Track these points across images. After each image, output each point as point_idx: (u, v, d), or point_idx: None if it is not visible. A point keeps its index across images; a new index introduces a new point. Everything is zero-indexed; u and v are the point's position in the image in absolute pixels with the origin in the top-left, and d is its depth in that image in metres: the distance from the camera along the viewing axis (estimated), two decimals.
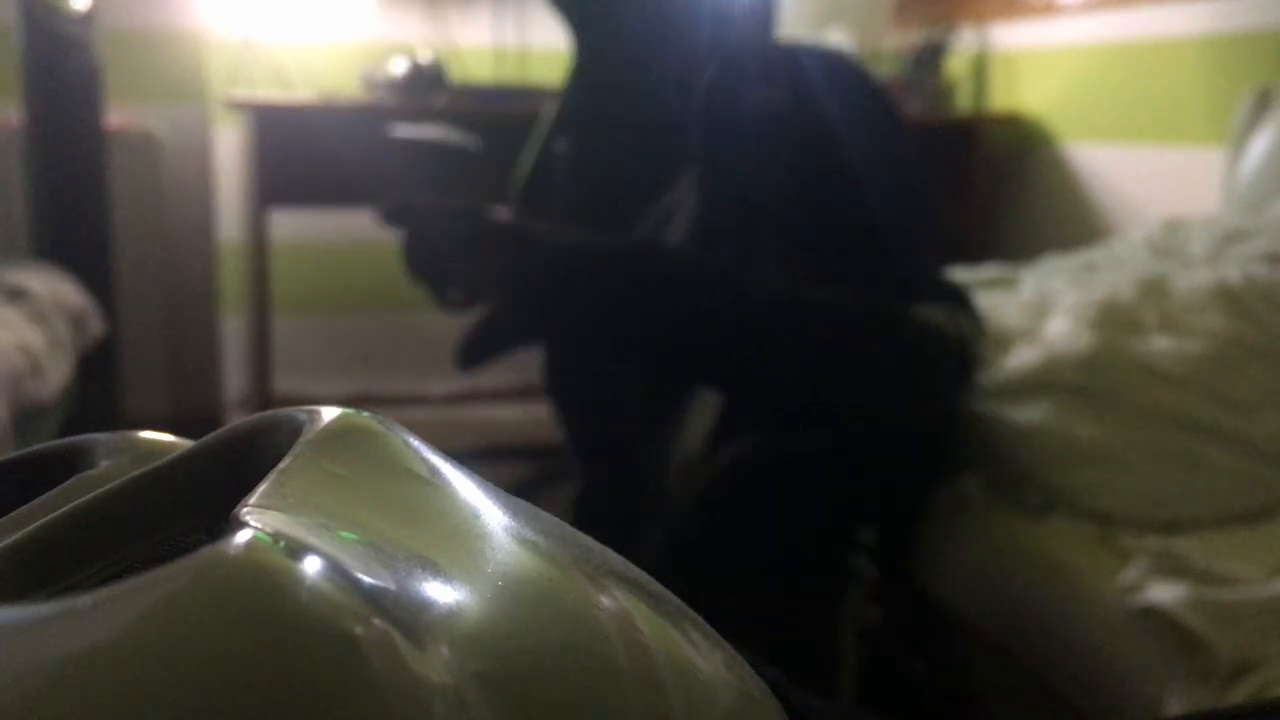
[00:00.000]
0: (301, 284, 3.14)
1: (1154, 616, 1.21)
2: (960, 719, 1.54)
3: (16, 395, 1.82)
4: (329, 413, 0.22)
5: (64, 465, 0.27)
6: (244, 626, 0.16)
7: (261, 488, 0.20)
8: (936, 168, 3.10)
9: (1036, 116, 3.08)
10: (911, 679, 1.43)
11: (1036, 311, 1.74)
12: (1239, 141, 2.38)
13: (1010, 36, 3.19)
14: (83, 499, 0.23)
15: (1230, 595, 1.21)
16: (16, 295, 2.11)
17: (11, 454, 0.27)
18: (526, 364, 3.08)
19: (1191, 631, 1.18)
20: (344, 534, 0.19)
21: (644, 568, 0.22)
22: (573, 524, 0.22)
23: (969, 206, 3.10)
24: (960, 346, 1.34)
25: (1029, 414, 1.51)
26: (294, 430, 0.22)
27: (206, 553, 0.17)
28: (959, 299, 1.38)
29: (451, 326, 3.57)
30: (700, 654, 0.20)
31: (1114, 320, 1.63)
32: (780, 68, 1.42)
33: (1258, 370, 1.51)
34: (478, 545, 0.20)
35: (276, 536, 0.18)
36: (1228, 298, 1.62)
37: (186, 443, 0.26)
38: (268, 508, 0.19)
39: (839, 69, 1.46)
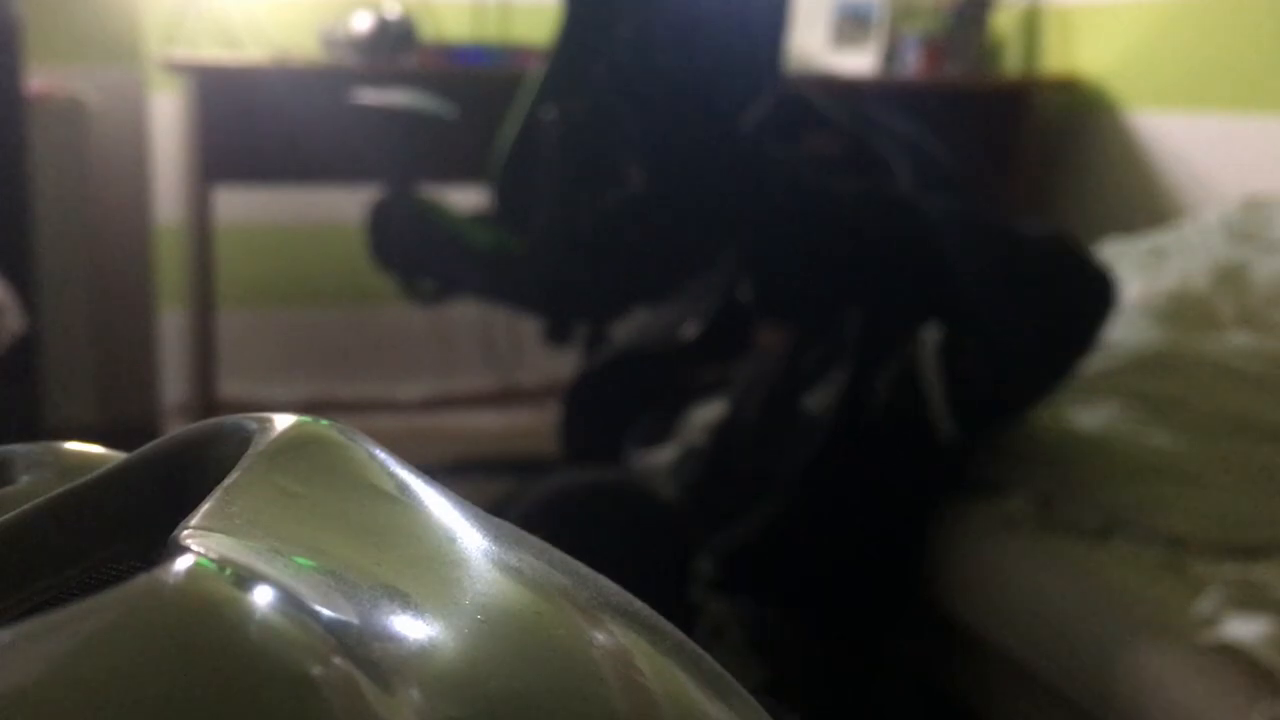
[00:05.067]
0: (250, 272, 3.14)
1: (1231, 654, 1.21)
2: None
3: None
4: (282, 421, 0.22)
5: None
6: (185, 666, 0.16)
7: (205, 507, 0.20)
8: (981, 138, 3.10)
9: (1095, 80, 3.09)
10: None
11: None
12: None
13: None
14: None
15: None
16: None
17: None
18: (509, 366, 3.08)
19: (1273, 671, 1.18)
20: (300, 560, 0.19)
21: None
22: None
23: (1018, 182, 3.10)
24: None
25: (1088, 421, 1.51)
26: (242, 441, 0.22)
27: (141, 581, 0.17)
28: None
29: (423, 321, 3.54)
30: (707, 697, 0.20)
31: (1185, 314, 1.63)
32: (831, 115, 1.71)
33: None
34: (453, 573, 0.20)
35: (222, 563, 0.18)
36: None
37: (119, 455, 0.26)
38: (212, 530, 0.19)
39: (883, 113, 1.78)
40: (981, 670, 1.61)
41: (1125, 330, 1.63)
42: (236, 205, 2.99)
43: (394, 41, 2.73)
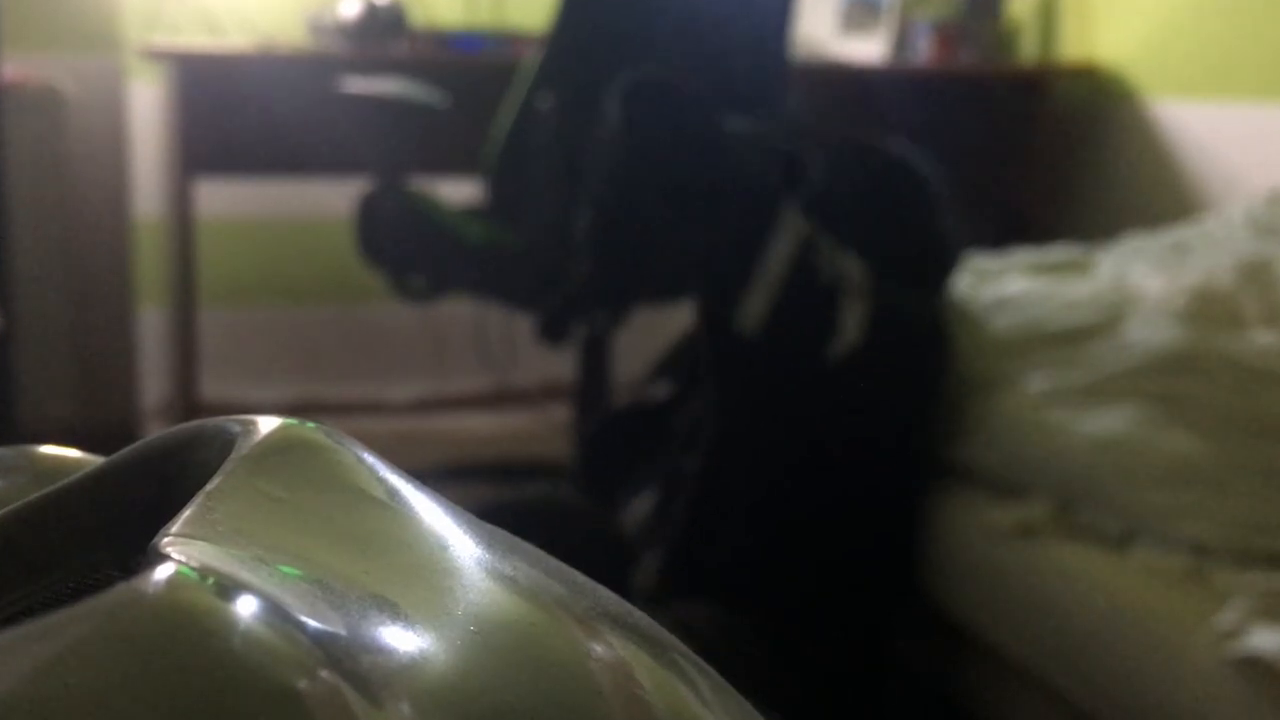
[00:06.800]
0: (233, 268, 3.15)
1: (1256, 667, 1.21)
2: None
3: None
4: (267, 423, 0.22)
5: None
6: (165, 679, 0.16)
7: (186, 513, 0.20)
8: (996, 129, 3.10)
9: (1115, 67, 3.09)
10: None
11: (1115, 301, 1.74)
12: None
13: None
14: None
15: None
16: None
17: None
18: (503, 366, 3.08)
19: None
20: (285, 569, 0.19)
21: None
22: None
23: (1034, 174, 3.10)
24: None
25: (1107, 423, 1.51)
26: (225, 444, 0.22)
27: (120, 591, 0.17)
28: None
29: (414, 320, 3.55)
30: (711, 711, 0.20)
31: (1209, 312, 1.63)
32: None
33: None
34: (445, 582, 0.20)
35: (204, 572, 0.18)
36: None
37: (97, 459, 0.26)
38: (193, 537, 0.19)
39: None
40: (996, 679, 1.61)
41: (1145, 329, 1.63)
42: (219, 199, 2.98)
43: (383, 28, 2.73)
